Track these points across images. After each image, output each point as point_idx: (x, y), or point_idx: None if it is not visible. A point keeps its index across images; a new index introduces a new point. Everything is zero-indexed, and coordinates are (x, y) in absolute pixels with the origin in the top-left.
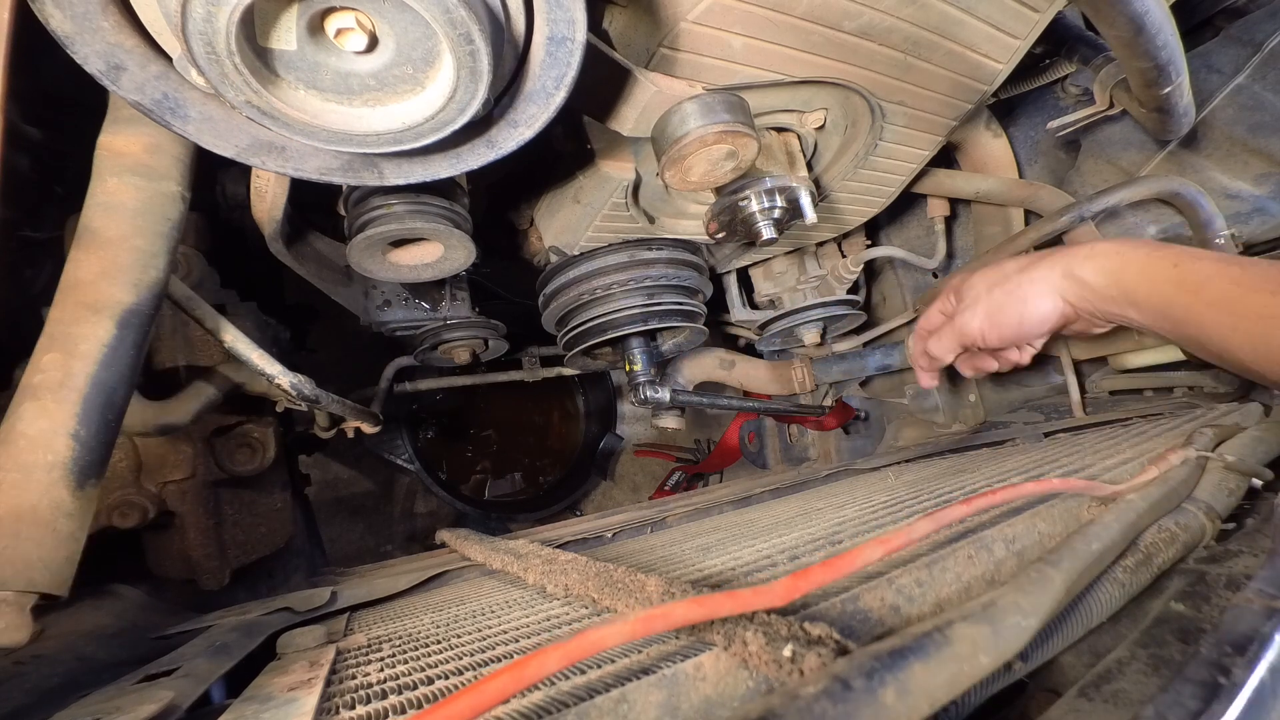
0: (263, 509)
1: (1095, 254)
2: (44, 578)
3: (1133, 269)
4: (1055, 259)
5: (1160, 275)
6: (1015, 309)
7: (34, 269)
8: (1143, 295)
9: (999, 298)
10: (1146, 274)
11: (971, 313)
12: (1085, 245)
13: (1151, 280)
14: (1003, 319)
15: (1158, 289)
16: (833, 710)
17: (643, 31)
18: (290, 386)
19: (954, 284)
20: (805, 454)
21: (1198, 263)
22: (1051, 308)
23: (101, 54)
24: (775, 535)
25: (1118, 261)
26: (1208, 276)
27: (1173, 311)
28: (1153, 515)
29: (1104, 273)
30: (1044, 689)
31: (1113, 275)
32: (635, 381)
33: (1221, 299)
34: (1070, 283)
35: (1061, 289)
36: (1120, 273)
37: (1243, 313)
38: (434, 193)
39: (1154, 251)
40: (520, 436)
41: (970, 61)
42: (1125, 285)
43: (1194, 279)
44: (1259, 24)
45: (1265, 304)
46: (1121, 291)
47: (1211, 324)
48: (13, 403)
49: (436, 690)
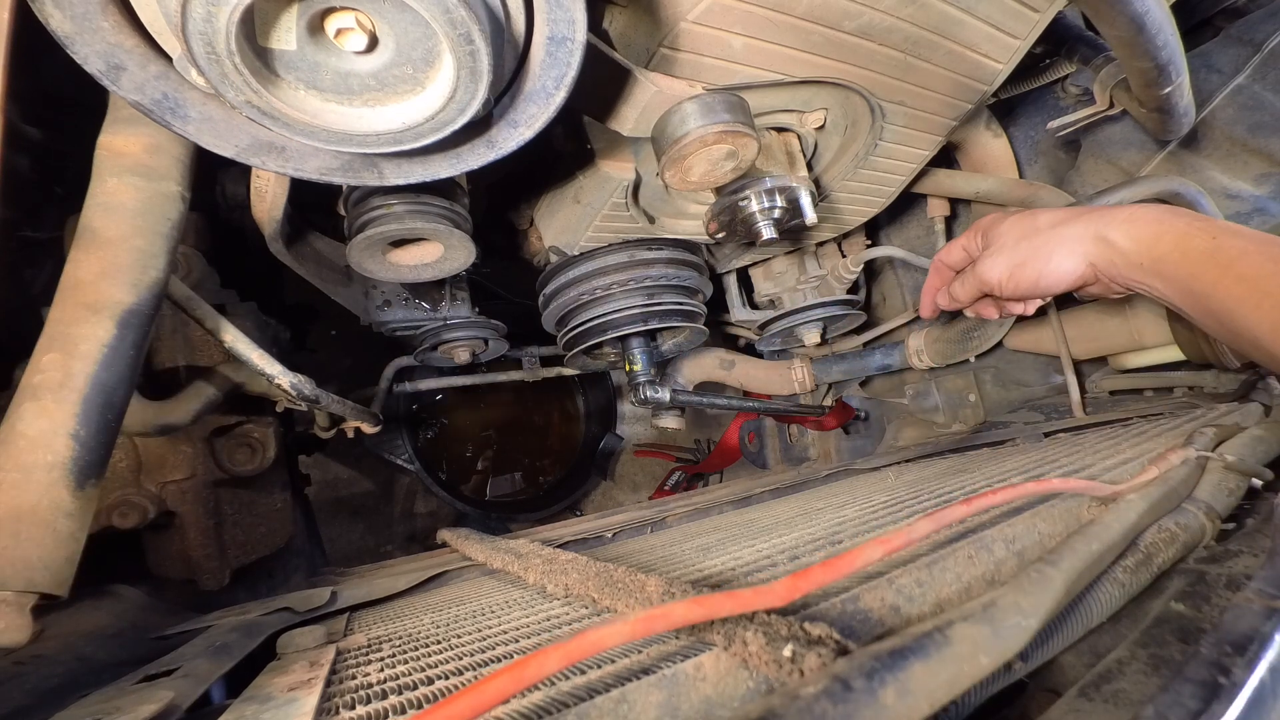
0: (263, 509)
1: (1134, 219)
2: (44, 578)
3: (1168, 239)
4: (1090, 218)
5: (1196, 247)
6: (1037, 264)
7: (34, 269)
8: (1172, 265)
9: (1025, 251)
10: (1181, 245)
11: (995, 260)
12: (1124, 208)
13: (1185, 252)
14: (1023, 274)
15: (1189, 261)
16: (833, 710)
17: (643, 31)
18: (290, 386)
19: (984, 224)
20: (805, 454)
21: (1236, 239)
22: (1073, 268)
23: (101, 54)
24: (775, 535)
25: (1155, 229)
26: (1243, 252)
27: (1198, 285)
28: (1153, 515)
29: (1138, 239)
30: (1044, 689)
31: (1147, 243)
32: (635, 381)
33: (1254, 275)
34: (1100, 246)
35: (1089, 251)
36: (1156, 241)
37: (1272, 290)
38: (434, 193)
39: (1194, 223)
40: (520, 436)
41: (970, 61)
42: (1157, 254)
43: (1229, 254)
44: (1259, 24)
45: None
46: (1152, 260)
47: (1237, 300)
48: (13, 403)
49: (436, 690)
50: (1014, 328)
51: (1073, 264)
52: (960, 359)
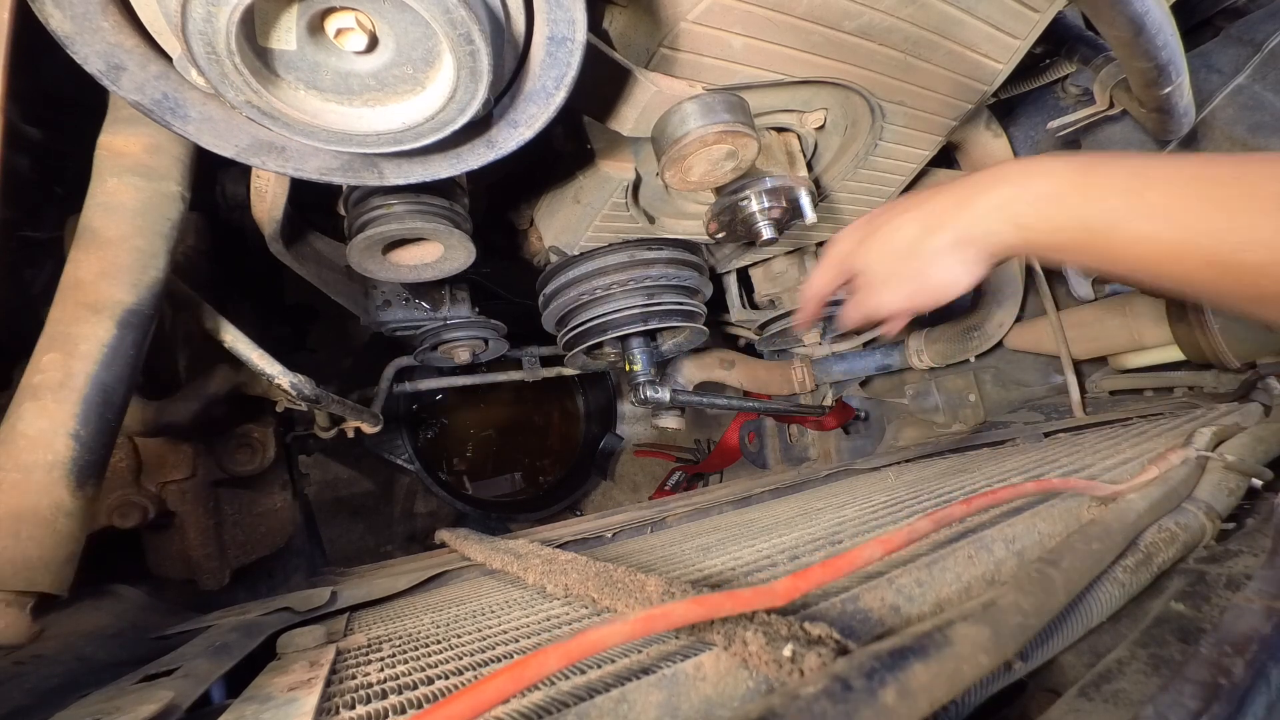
0: (263, 509)
1: (992, 206)
2: (44, 578)
3: (1056, 209)
4: (952, 223)
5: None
6: (931, 284)
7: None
8: (1049, 245)
9: (910, 275)
10: (1054, 222)
11: (887, 294)
12: (983, 192)
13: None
14: (924, 297)
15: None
16: (833, 710)
17: (643, 31)
18: (290, 386)
19: (838, 256)
20: (805, 454)
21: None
22: (966, 275)
23: (101, 54)
24: (775, 535)
25: (1002, 220)
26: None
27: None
28: (1153, 515)
29: (1005, 227)
30: (1044, 689)
31: (1000, 236)
32: (635, 381)
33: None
34: (976, 248)
35: (969, 255)
36: (1031, 224)
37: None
38: (434, 193)
39: (1061, 191)
40: (520, 436)
41: (970, 61)
42: (1015, 241)
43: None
44: (1259, 24)
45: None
46: (1020, 246)
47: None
48: (13, 403)
49: (436, 690)
50: (1014, 328)
51: (962, 272)
52: (960, 359)
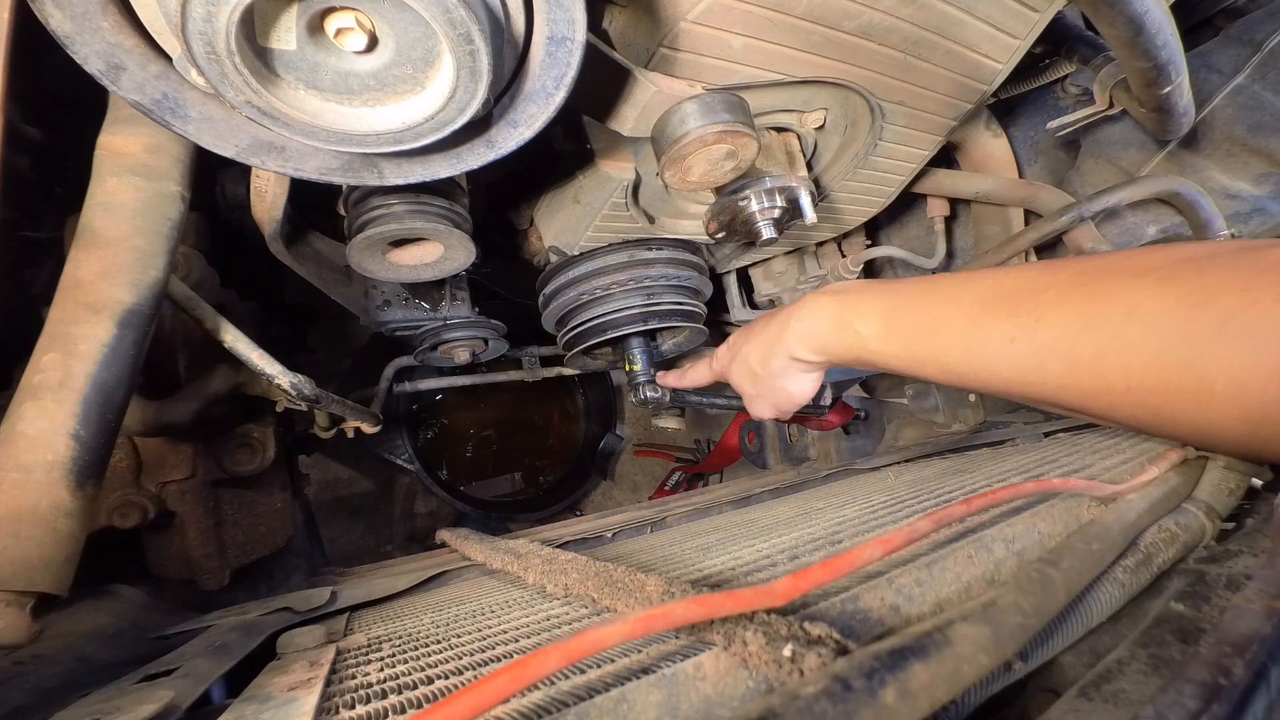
0: (263, 509)
1: (799, 335)
2: (44, 578)
3: (824, 338)
4: (778, 348)
5: (843, 338)
6: (785, 398)
7: (34, 269)
8: (841, 356)
9: (766, 392)
10: (835, 341)
11: (759, 406)
12: (793, 319)
13: (841, 343)
14: (787, 408)
15: (848, 350)
16: (833, 710)
17: (643, 31)
18: (290, 386)
19: (718, 370)
20: (805, 454)
21: (861, 308)
22: (808, 382)
23: (101, 54)
24: (775, 535)
25: (814, 341)
26: (866, 314)
27: (868, 361)
28: (1153, 515)
29: (813, 350)
30: (1044, 689)
31: (818, 349)
32: (635, 381)
33: (881, 331)
34: (800, 364)
35: (799, 369)
36: (823, 347)
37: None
38: (434, 193)
39: (839, 313)
40: (520, 436)
41: (970, 61)
42: (831, 354)
43: (858, 330)
44: (1259, 24)
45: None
46: (833, 358)
47: (891, 358)
48: (13, 403)
49: (436, 690)
50: None
51: (803, 381)
52: None
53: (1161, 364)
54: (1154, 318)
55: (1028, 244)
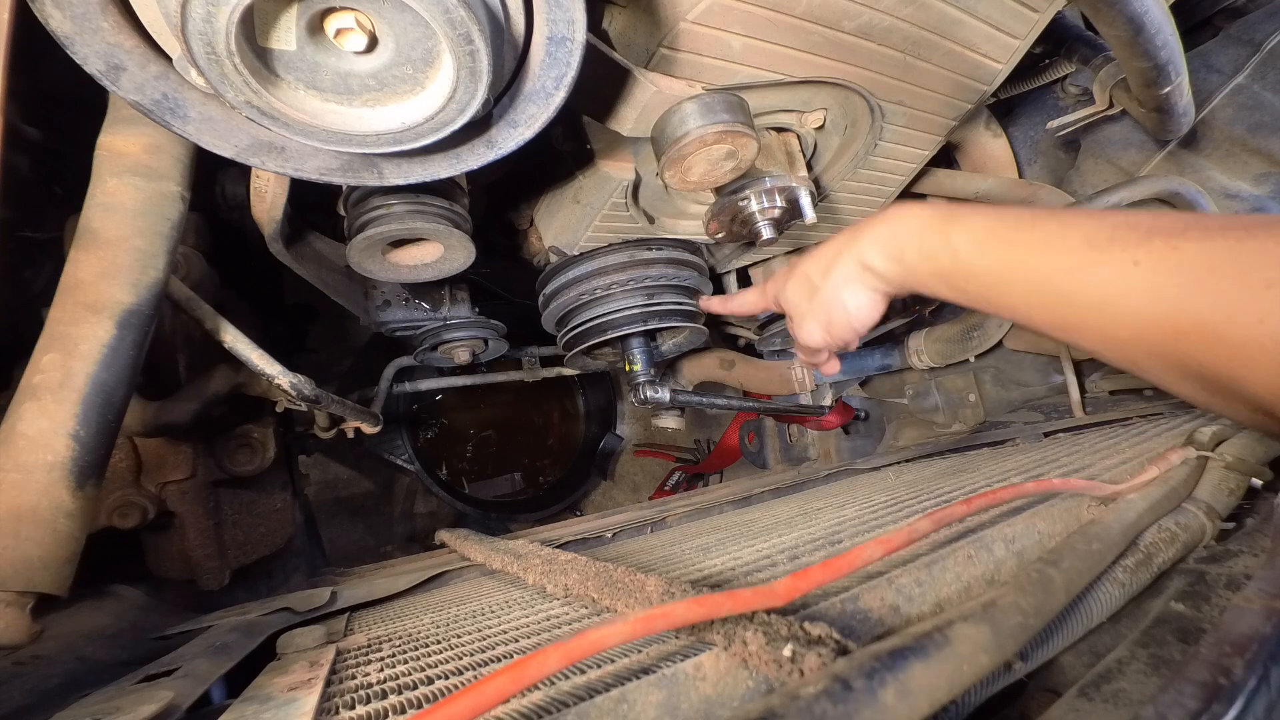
0: (263, 509)
1: (876, 238)
2: (44, 578)
3: (910, 247)
4: (847, 253)
5: (932, 248)
6: (840, 316)
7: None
8: (925, 274)
9: (820, 309)
10: (922, 250)
11: (806, 327)
12: (871, 225)
13: (926, 255)
14: (836, 330)
15: (935, 263)
16: (833, 710)
17: (642, 31)
18: (290, 386)
19: (772, 290)
20: (805, 454)
21: (963, 226)
22: (869, 302)
23: (101, 54)
24: (775, 535)
25: (896, 244)
26: (971, 231)
27: (954, 282)
28: (1153, 515)
29: (888, 257)
30: (1044, 689)
31: (895, 258)
32: (635, 381)
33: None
34: (870, 275)
35: (867, 281)
36: (901, 255)
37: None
38: (434, 193)
39: (927, 224)
40: (520, 436)
41: (970, 61)
42: (909, 266)
43: (958, 245)
44: (1258, 24)
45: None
46: (909, 273)
47: (986, 286)
48: (13, 403)
49: (436, 690)
50: (1013, 327)
51: (865, 299)
52: (960, 359)
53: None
54: (1265, 255)
55: None
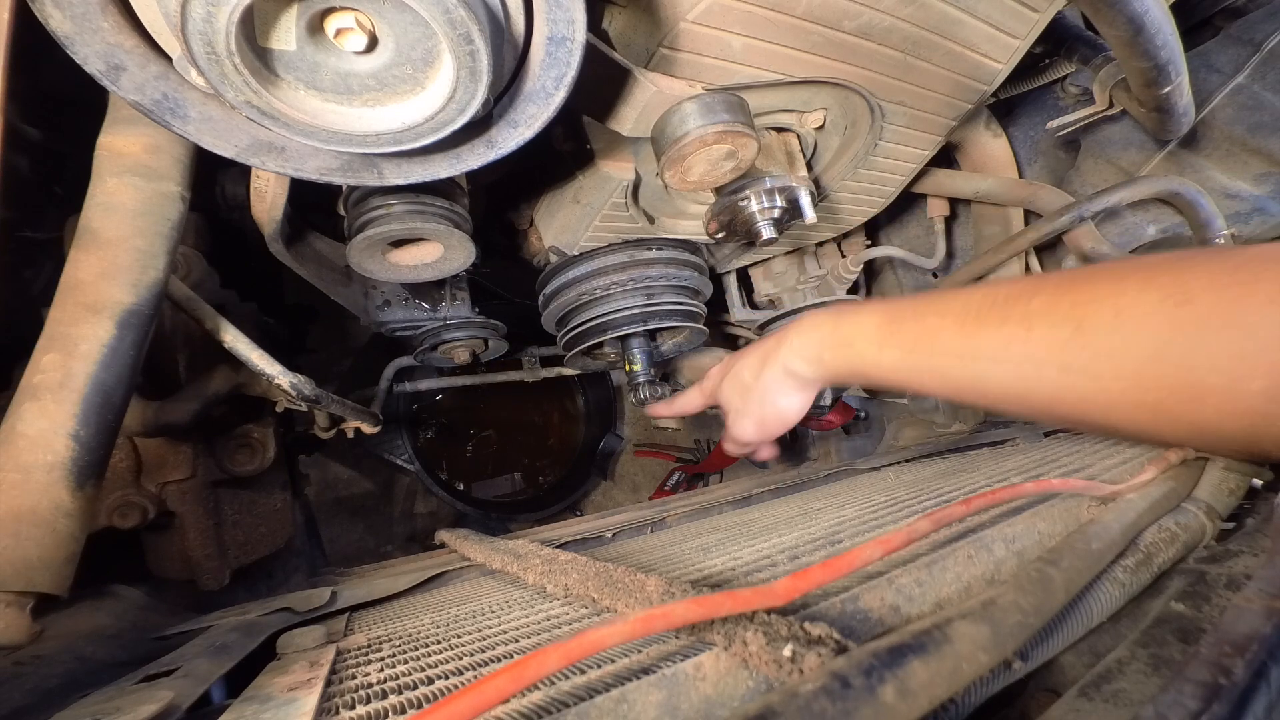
0: (263, 509)
1: (794, 349)
2: (44, 578)
3: (827, 353)
4: (773, 362)
5: (841, 354)
6: (771, 413)
7: (34, 269)
8: (844, 373)
9: (754, 407)
10: (836, 358)
11: (741, 423)
12: (789, 338)
13: (842, 357)
14: (769, 426)
15: (848, 364)
16: (832, 708)
17: (642, 31)
18: (290, 386)
19: (708, 389)
20: (805, 454)
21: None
22: (799, 402)
23: (101, 54)
24: (775, 535)
25: (811, 353)
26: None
27: (868, 377)
28: (1153, 515)
29: (809, 361)
30: (1044, 689)
31: (815, 363)
32: (635, 381)
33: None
34: (795, 379)
35: (793, 385)
36: (819, 359)
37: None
38: (434, 193)
39: (835, 327)
40: (520, 436)
41: (970, 61)
42: (828, 371)
43: (855, 346)
44: (1258, 24)
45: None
46: (830, 375)
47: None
48: (13, 403)
49: (436, 690)
50: None
51: (795, 400)
52: None
53: (1157, 363)
54: (1142, 319)
55: (1028, 244)
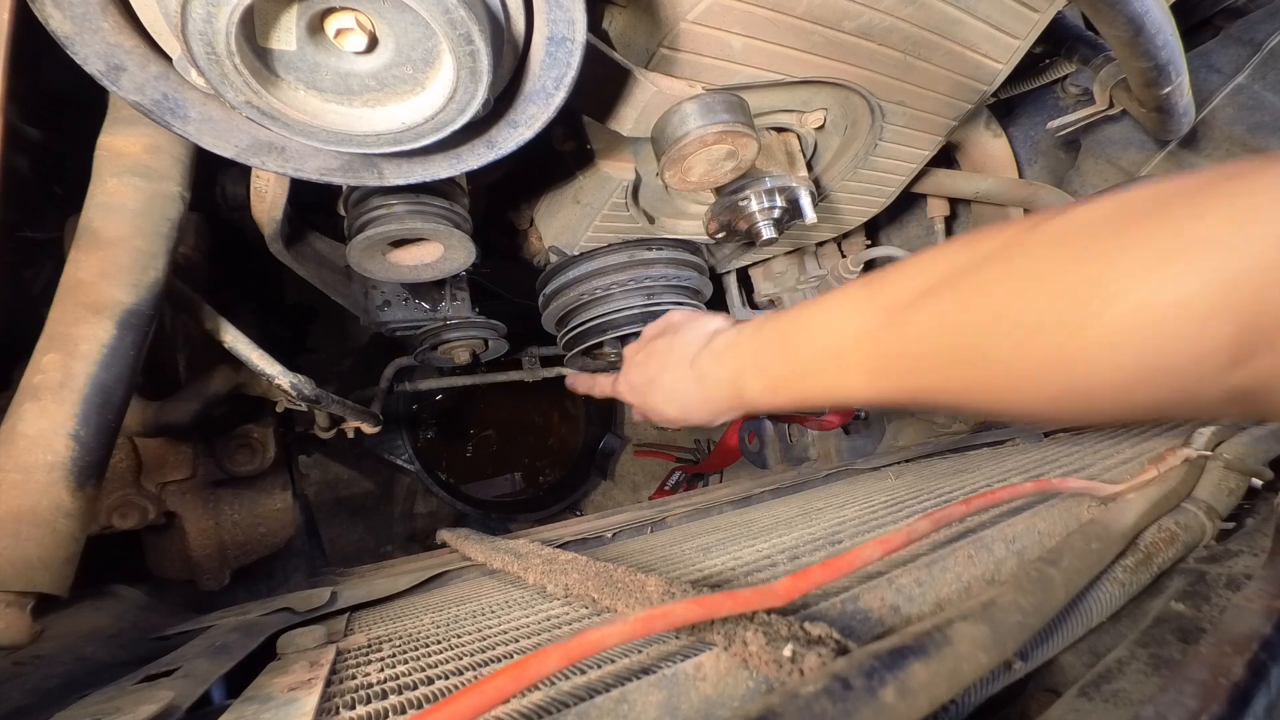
0: (263, 509)
1: (700, 377)
2: (44, 578)
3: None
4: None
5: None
6: (662, 421)
7: (34, 269)
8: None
9: (648, 412)
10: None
11: (639, 412)
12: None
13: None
14: (654, 418)
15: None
16: (832, 709)
17: (643, 31)
18: (290, 386)
19: (621, 391)
20: (805, 454)
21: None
22: (711, 418)
23: (101, 54)
24: (775, 535)
25: (707, 410)
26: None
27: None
28: (1152, 515)
29: (711, 415)
30: (1044, 689)
31: (716, 415)
32: None
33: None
34: (703, 417)
35: (703, 419)
36: (718, 414)
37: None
38: (434, 193)
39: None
40: (520, 436)
41: (970, 61)
42: (730, 411)
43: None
44: (1259, 24)
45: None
46: (736, 412)
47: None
48: (13, 403)
49: (437, 690)
50: None
51: (706, 418)
52: None
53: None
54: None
55: None
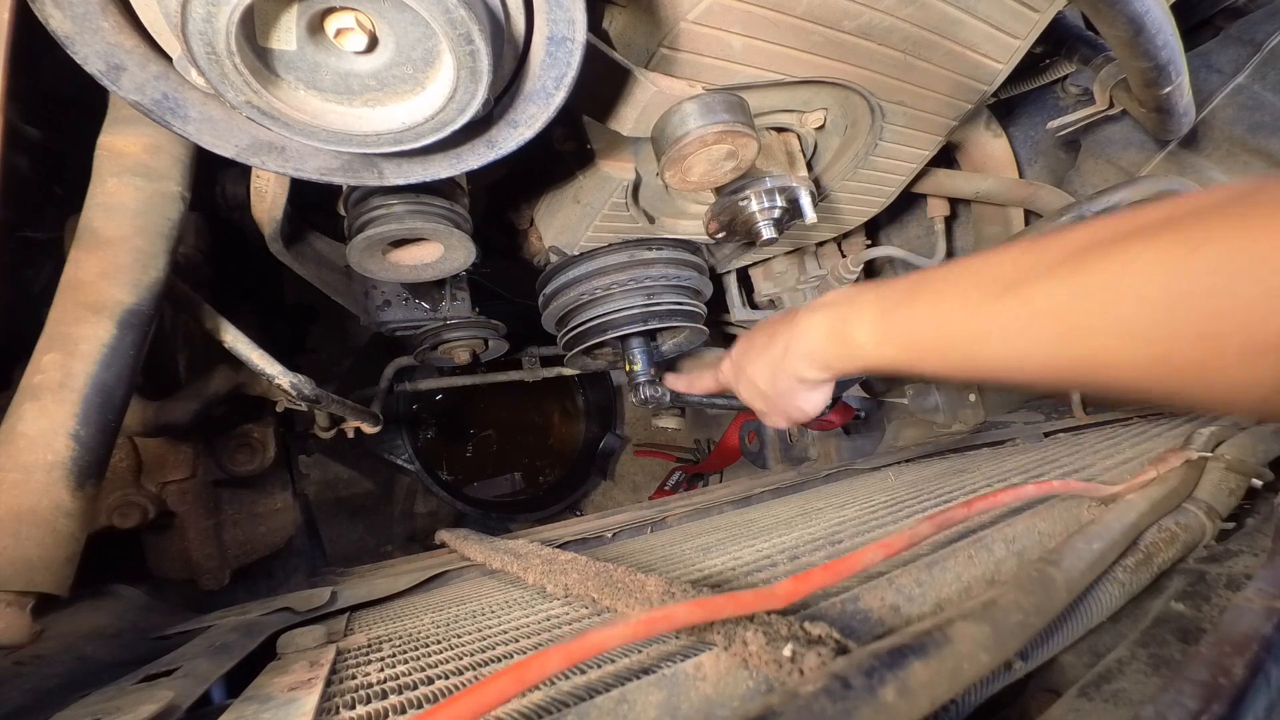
0: (263, 509)
1: (800, 355)
2: (44, 578)
3: (831, 356)
4: (783, 371)
5: (850, 354)
6: (798, 413)
7: (34, 269)
8: (856, 371)
9: (779, 411)
10: (842, 358)
11: (772, 420)
12: (793, 346)
13: (850, 359)
14: (797, 418)
15: (858, 363)
16: (832, 708)
17: (643, 31)
18: (290, 386)
19: (725, 380)
20: (805, 454)
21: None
22: (820, 397)
23: (101, 54)
24: (775, 535)
25: (819, 358)
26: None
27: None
28: (1153, 515)
29: (819, 369)
30: (1044, 689)
31: (825, 368)
32: (635, 381)
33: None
34: (807, 384)
35: (807, 387)
36: (827, 364)
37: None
38: (434, 193)
39: (830, 334)
40: (520, 436)
41: (970, 61)
42: (840, 369)
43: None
44: (1259, 24)
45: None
46: (846, 371)
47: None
48: (13, 403)
49: (437, 690)
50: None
51: (814, 397)
52: None
53: (1175, 310)
54: (1154, 267)
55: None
